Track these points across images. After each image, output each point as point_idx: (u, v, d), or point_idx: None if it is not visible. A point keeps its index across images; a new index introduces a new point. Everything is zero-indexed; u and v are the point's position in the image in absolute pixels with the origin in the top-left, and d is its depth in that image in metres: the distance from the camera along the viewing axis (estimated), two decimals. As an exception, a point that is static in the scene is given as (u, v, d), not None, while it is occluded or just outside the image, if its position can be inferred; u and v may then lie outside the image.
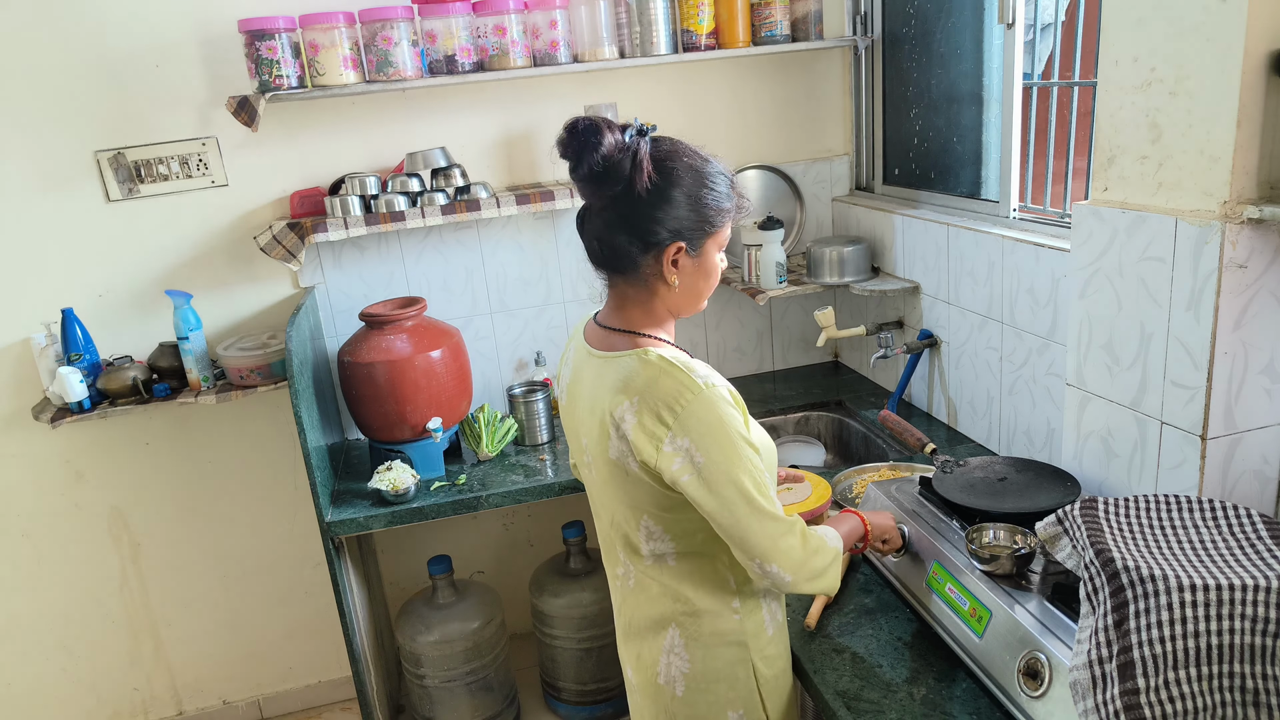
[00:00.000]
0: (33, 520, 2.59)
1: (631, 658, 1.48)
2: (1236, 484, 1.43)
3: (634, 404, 1.26)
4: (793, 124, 2.81)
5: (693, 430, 1.23)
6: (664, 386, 1.25)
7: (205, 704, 2.89)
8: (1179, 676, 1.08)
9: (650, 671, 1.43)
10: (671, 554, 1.37)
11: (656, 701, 1.44)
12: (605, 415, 1.30)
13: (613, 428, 1.28)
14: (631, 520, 1.37)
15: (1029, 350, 2.02)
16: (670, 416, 1.23)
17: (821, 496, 1.91)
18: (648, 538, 1.37)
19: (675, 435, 1.23)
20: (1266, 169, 1.30)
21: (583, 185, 1.29)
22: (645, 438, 1.25)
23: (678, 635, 1.39)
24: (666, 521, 1.34)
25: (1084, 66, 1.94)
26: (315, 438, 2.17)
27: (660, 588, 1.39)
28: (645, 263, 1.31)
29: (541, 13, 2.32)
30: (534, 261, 2.72)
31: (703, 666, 1.39)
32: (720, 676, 1.39)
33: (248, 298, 2.57)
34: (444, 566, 2.54)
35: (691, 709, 1.41)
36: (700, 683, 1.40)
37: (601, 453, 1.34)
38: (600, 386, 1.33)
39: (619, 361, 1.32)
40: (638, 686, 1.48)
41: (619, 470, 1.32)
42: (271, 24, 2.17)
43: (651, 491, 1.30)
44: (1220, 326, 1.34)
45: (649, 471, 1.27)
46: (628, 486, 1.33)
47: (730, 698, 1.40)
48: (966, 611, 1.39)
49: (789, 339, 3.00)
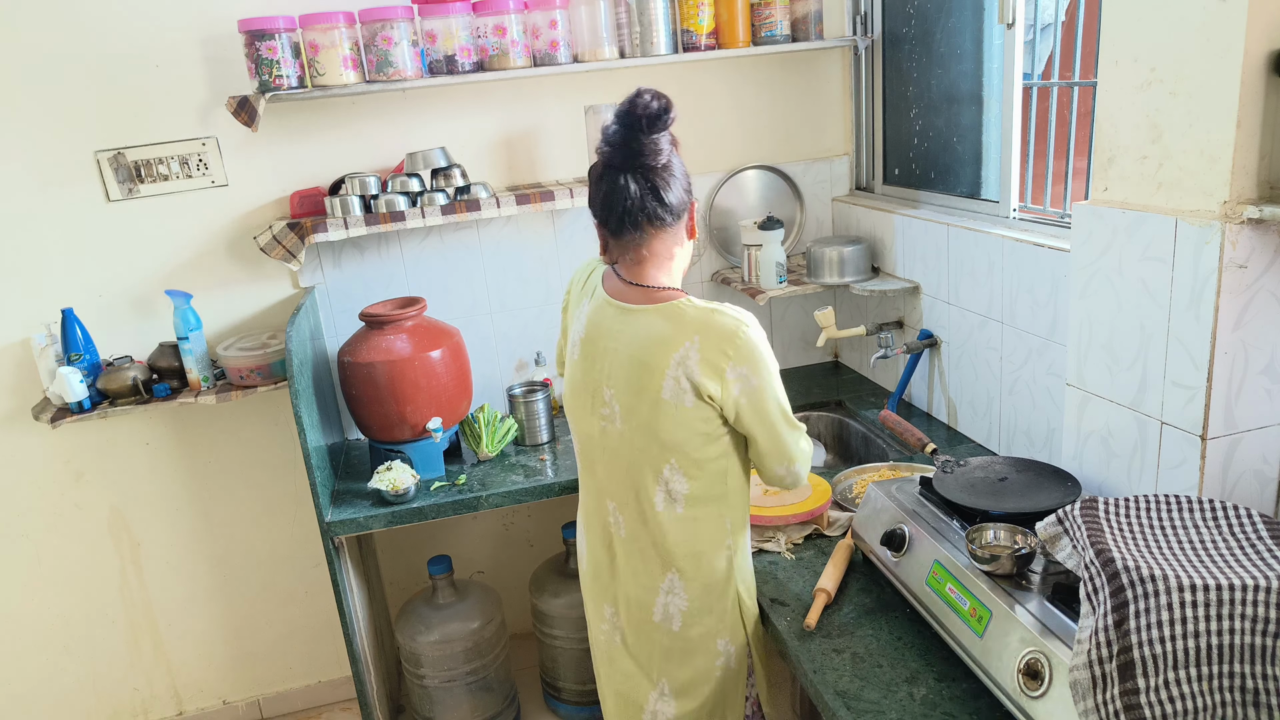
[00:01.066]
0: (33, 520, 2.59)
1: (619, 601, 1.66)
2: (1236, 484, 1.43)
3: (695, 342, 1.45)
4: (793, 124, 2.81)
5: (748, 359, 1.46)
6: (720, 324, 1.45)
7: (205, 704, 2.89)
8: (1179, 676, 1.08)
9: (644, 611, 1.63)
10: (684, 498, 1.54)
11: (650, 639, 1.64)
12: (657, 361, 1.47)
13: (674, 366, 1.46)
14: (658, 462, 1.52)
15: (1029, 350, 2.02)
16: (731, 349, 1.45)
17: (822, 496, 1.91)
18: (669, 479, 1.53)
19: (735, 364, 1.45)
20: (1266, 169, 1.30)
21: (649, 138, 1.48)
22: (710, 369, 1.45)
23: (677, 578, 1.59)
24: (689, 464, 1.51)
25: (1084, 66, 1.94)
26: (315, 438, 2.17)
27: (663, 534, 1.57)
28: (682, 215, 1.55)
29: (541, 13, 2.32)
30: (534, 261, 2.72)
31: (699, 602, 1.60)
32: (712, 609, 1.61)
33: (248, 298, 2.57)
34: (444, 566, 2.54)
35: (686, 641, 1.62)
36: (695, 616, 1.60)
37: (642, 396, 1.49)
38: (641, 337, 1.50)
39: (655, 312, 1.50)
40: (626, 624, 1.66)
41: (668, 409, 1.48)
42: (271, 24, 2.17)
43: (693, 427, 1.48)
44: (1220, 326, 1.34)
45: (706, 401, 1.47)
46: (668, 425, 1.49)
47: (719, 627, 1.62)
48: (966, 611, 1.39)
49: (789, 339, 3.00)
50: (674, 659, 1.63)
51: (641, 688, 1.68)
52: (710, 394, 1.46)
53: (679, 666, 1.64)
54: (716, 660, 1.64)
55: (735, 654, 1.65)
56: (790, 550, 1.85)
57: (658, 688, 1.66)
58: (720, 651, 1.64)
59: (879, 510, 1.69)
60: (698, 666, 1.63)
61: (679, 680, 1.64)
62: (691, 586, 1.59)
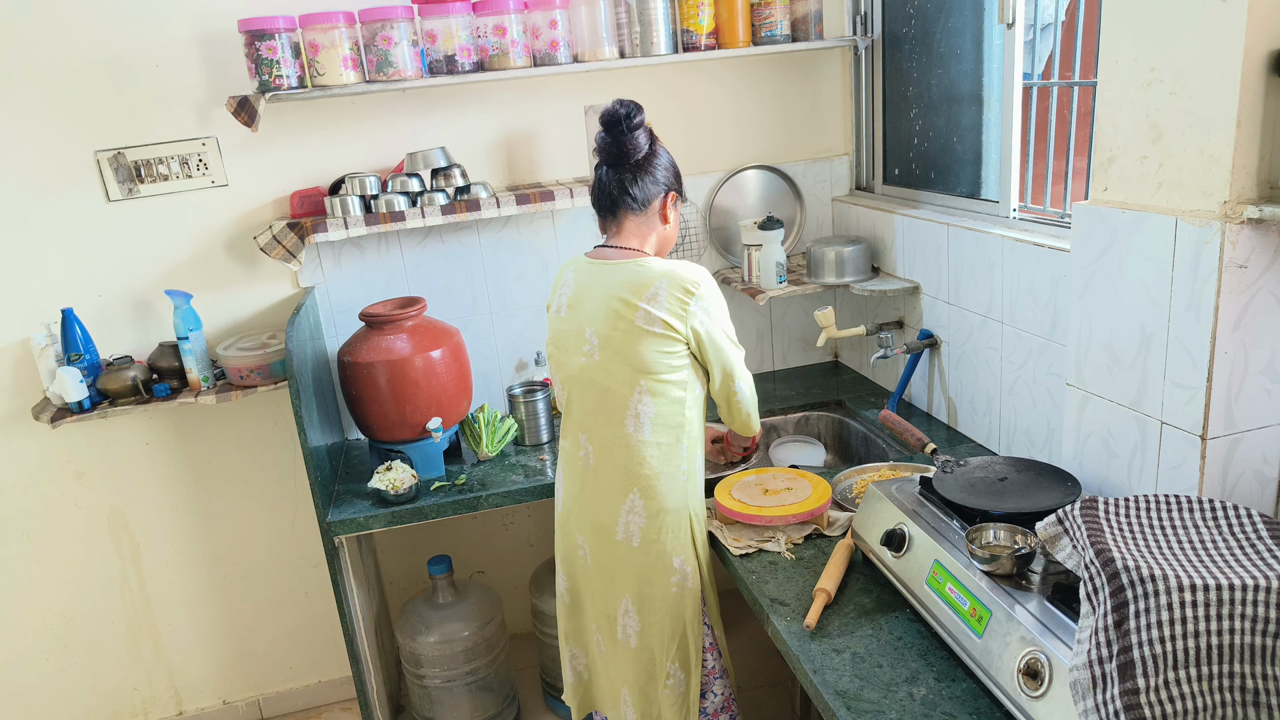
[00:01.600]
0: (33, 520, 2.59)
1: (586, 528, 1.90)
2: (1236, 484, 1.43)
3: (664, 282, 1.77)
4: (793, 124, 2.81)
5: (706, 300, 1.79)
6: (683, 272, 1.78)
7: (205, 704, 2.89)
8: (1179, 676, 1.08)
9: (607, 532, 1.86)
10: (650, 422, 1.80)
11: (613, 555, 1.86)
12: (632, 295, 1.77)
13: (645, 300, 1.76)
14: (629, 385, 1.79)
15: (1029, 350, 2.02)
16: (694, 288, 1.77)
17: (821, 496, 1.91)
18: (636, 402, 1.80)
19: (699, 300, 1.77)
20: (1266, 169, 1.30)
21: (624, 143, 1.82)
22: (676, 304, 1.76)
23: (637, 496, 1.82)
24: (655, 384, 1.79)
25: (1084, 66, 1.94)
26: (315, 438, 2.17)
27: (628, 456, 1.82)
28: (656, 201, 1.87)
29: (541, 13, 2.32)
30: (534, 261, 2.72)
31: (657, 521, 1.82)
32: (668, 528, 1.83)
33: (248, 298, 2.57)
34: (444, 566, 2.54)
35: (645, 556, 1.83)
36: (653, 533, 1.83)
37: (618, 325, 1.78)
38: (618, 280, 1.80)
39: (635, 261, 1.81)
40: (591, 548, 1.89)
41: (639, 334, 1.76)
42: (271, 24, 2.17)
43: (659, 349, 1.77)
44: (1220, 326, 1.34)
45: (672, 330, 1.76)
46: (639, 349, 1.77)
47: (674, 546, 1.84)
48: (966, 611, 1.39)
49: (789, 339, 3.00)
50: (635, 574, 1.84)
51: (610, 601, 1.89)
52: (674, 325, 1.76)
53: (640, 582, 1.84)
54: (673, 577, 1.84)
55: (691, 574, 1.85)
56: (790, 550, 1.85)
57: (622, 603, 1.87)
58: (677, 569, 1.84)
59: (879, 510, 1.69)
60: (656, 582, 1.84)
61: (640, 595, 1.85)
62: (650, 505, 1.81)
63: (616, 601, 1.88)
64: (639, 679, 1.89)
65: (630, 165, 1.83)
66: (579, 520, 1.91)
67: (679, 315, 1.76)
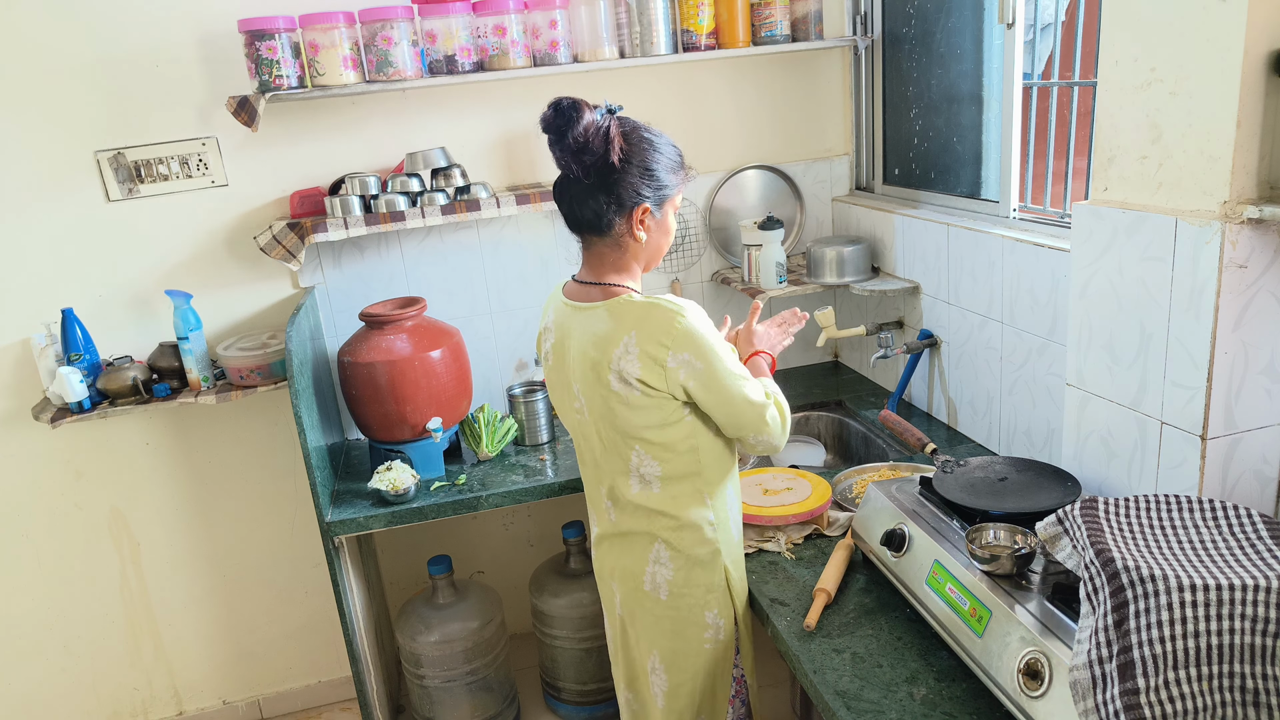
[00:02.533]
0: (33, 520, 2.59)
1: (616, 574, 1.72)
2: (1236, 484, 1.43)
3: (632, 337, 1.50)
4: (793, 124, 2.81)
5: (688, 345, 1.49)
6: (655, 318, 1.50)
7: (205, 704, 2.89)
8: (1179, 676, 1.08)
9: (636, 580, 1.68)
10: (657, 479, 1.60)
11: (642, 606, 1.69)
12: (602, 356, 1.53)
13: (614, 362, 1.51)
14: (625, 450, 1.60)
15: (1029, 350, 2.02)
16: (668, 339, 1.49)
17: (822, 496, 1.91)
18: (637, 466, 1.60)
19: (675, 352, 1.49)
20: (1266, 169, 1.30)
21: (565, 156, 1.50)
22: (649, 362, 1.49)
23: (663, 548, 1.64)
24: (653, 448, 1.58)
25: (1084, 66, 1.94)
26: (315, 438, 2.17)
27: (646, 513, 1.63)
28: (618, 223, 1.55)
29: (541, 13, 2.32)
30: (534, 261, 2.72)
31: (685, 574, 1.65)
32: (699, 582, 1.65)
33: (248, 298, 2.57)
34: (444, 566, 2.54)
35: (674, 610, 1.67)
36: (682, 587, 1.65)
37: (597, 391, 1.56)
38: (590, 333, 1.56)
39: (602, 309, 1.55)
40: (622, 597, 1.73)
41: (618, 401, 1.54)
42: (271, 24, 2.17)
43: (647, 415, 1.54)
44: (1220, 326, 1.34)
45: (653, 392, 1.51)
46: (626, 414, 1.55)
47: (708, 599, 1.66)
48: (966, 611, 1.39)
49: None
50: (664, 629, 1.68)
51: (641, 653, 1.74)
52: (653, 385, 1.51)
53: (669, 637, 1.68)
54: (705, 633, 1.68)
55: (724, 628, 1.69)
56: (790, 550, 1.85)
57: (650, 659, 1.72)
58: (709, 624, 1.68)
59: (879, 510, 1.69)
60: (687, 638, 1.68)
61: (668, 651, 1.69)
62: (677, 558, 1.64)
63: (645, 655, 1.73)
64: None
65: (578, 182, 1.52)
66: (610, 566, 1.75)
67: (657, 373, 1.49)
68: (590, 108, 1.48)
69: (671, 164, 1.58)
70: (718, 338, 1.54)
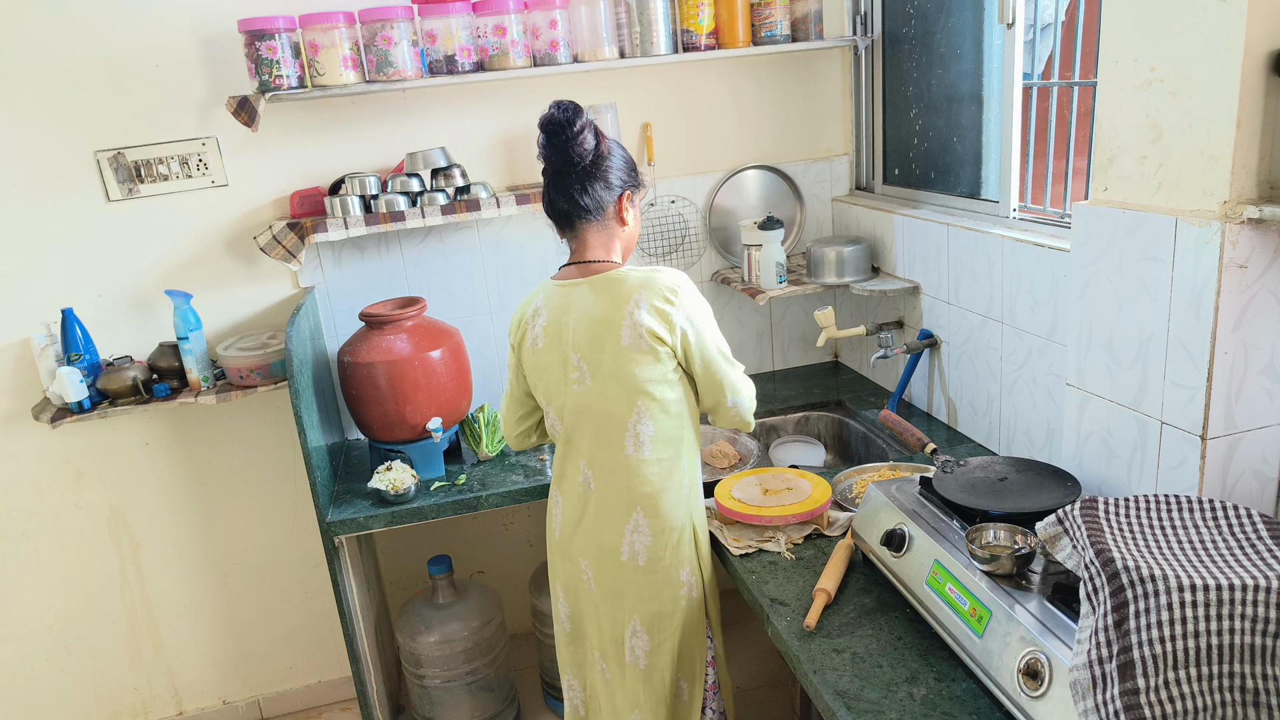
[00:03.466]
0: (33, 520, 2.59)
1: (589, 552, 1.81)
2: (1236, 484, 1.43)
3: (641, 294, 1.68)
4: (793, 124, 2.81)
5: (689, 307, 1.70)
6: (659, 280, 1.69)
7: (205, 704, 2.89)
8: (1179, 676, 1.08)
9: (612, 554, 1.78)
10: (650, 441, 1.73)
11: (619, 576, 1.79)
12: (612, 314, 1.68)
13: (627, 317, 1.67)
14: (626, 408, 1.71)
15: (1029, 350, 2.02)
16: (673, 296, 1.68)
17: (822, 496, 1.91)
18: (635, 422, 1.72)
19: (679, 309, 1.68)
20: (1266, 169, 1.30)
21: (570, 147, 1.68)
22: (658, 315, 1.67)
23: (641, 515, 1.75)
24: (653, 405, 1.71)
25: (1084, 66, 1.94)
26: (315, 438, 2.17)
27: (629, 477, 1.74)
28: (609, 207, 1.75)
29: (541, 13, 2.32)
30: (534, 261, 2.72)
31: (662, 538, 1.76)
32: (673, 543, 1.77)
33: (248, 298, 2.57)
34: (444, 566, 2.54)
35: (652, 574, 1.77)
36: (658, 551, 1.76)
37: (605, 349, 1.69)
38: (594, 298, 1.72)
39: (606, 276, 1.72)
40: (595, 572, 1.82)
41: (628, 354, 1.68)
42: (271, 24, 2.17)
43: (652, 369, 1.68)
44: (1220, 326, 1.34)
45: (659, 341, 1.67)
46: (631, 369, 1.68)
47: (680, 559, 1.78)
48: (966, 611, 1.39)
49: (789, 339, 3.00)
50: (643, 594, 1.78)
51: (617, 625, 1.83)
52: (660, 336, 1.67)
53: (647, 601, 1.78)
54: (680, 590, 1.79)
55: (695, 584, 1.81)
56: (790, 550, 1.85)
57: (630, 625, 1.81)
58: (683, 582, 1.79)
59: (879, 510, 1.69)
60: (664, 599, 1.78)
61: (648, 614, 1.79)
62: (654, 524, 1.75)
63: (624, 624, 1.81)
64: (650, 700, 1.83)
65: (578, 172, 1.71)
66: (581, 546, 1.83)
67: (665, 324, 1.67)
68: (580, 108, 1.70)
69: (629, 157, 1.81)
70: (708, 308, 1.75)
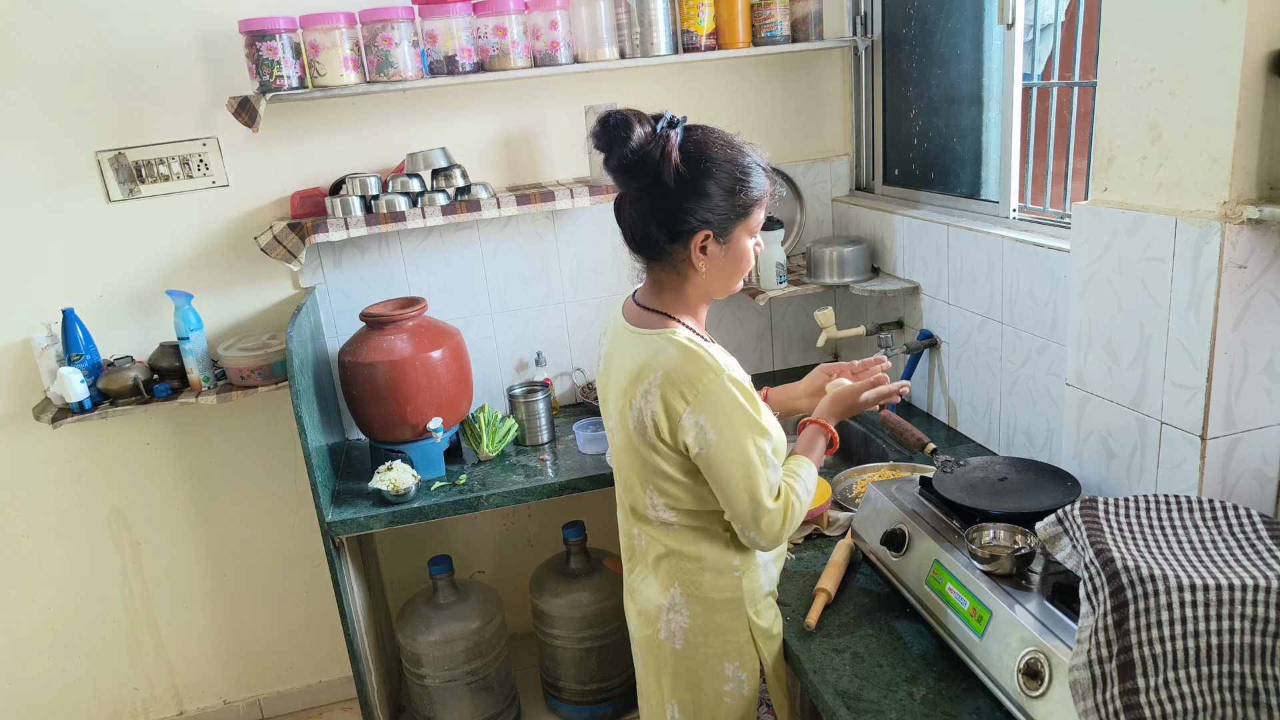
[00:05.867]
0: (33, 520, 2.59)
1: (633, 614, 1.63)
2: (1236, 484, 1.43)
3: (657, 378, 1.37)
4: (793, 124, 2.82)
5: (709, 409, 1.35)
6: (687, 366, 1.36)
7: (205, 704, 2.89)
8: (1179, 676, 1.08)
9: (651, 628, 1.57)
10: (675, 519, 1.49)
11: (657, 656, 1.57)
12: (629, 386, 1.42)
13: (638, 398, 1.40)
14: (640, 487, 1.50)
15: (1029, 350, 2.02)
16: (691, 394, 1.35)
17: (821, 497, 1.91)
18: (652, 505, 1.50)
19: (693, 411, 1.36)
20: (1266, 169, 1.30)
21: (615, 176, 1.38)
22: (664, 411, 1.37)
23: (679, 593, 1.51)
24: (669, 495, 1.47)
25: (1084, 66, 1.94)
26: (316, 438, 2.17)
27: (664, 549, 1.52)
28: (674, 250, 1.40)
29: (542, 13, 2.33)
30: (534, 261, 2.72)
31: (702, 622, 1.51)
32: (717, 630, 1.52)
33: (248, 298, 2.57)
34: (444, 566, 2.55)
35: (691, 660, 1.53)
36: (698, 636, 1.52)
37: (622, 420, 1.46)
38: (628, 359, 1.45)
39: (647, 339, 1.43)
40: (639, 641, 1.63)
41: (634, 438, 1.44)
42: (272, 24, 2.17)
43: (661, 462, 1.43)
44: (1220, 326, 1.34)
45: (664, 442, 1.40)
46: (642, 453, 1.45)
47: (726, 650, 1.52)
48: (966, 611, 1.39)
49: (789, 339, 3.00)
50: (681, 680, 1.55)
51: (660, 702, 1.61)
52: (662, 435, 1.39)
53: (685, 689, 1.55)
54: (726, 685, 1.54)
55: (748, 682, 1.55)
56: (790, 550, 1.85)
57: (669, 706, 1.59)
58: (729, 677, 1.53)
59: (879, 510, 1.69)
60: (704, 691, 1.54)
61: (686, 703, 1.56)
62: (694, 604, 1.51)
63: (664, 703, 1.60)
64: None
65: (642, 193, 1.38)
66: (630, 602, 1.65)
67: (669, 424, 1.38)
68: (644, 121, 1.34)
69: (746, 184, 1.39)
70: (746, 412, 1.37)
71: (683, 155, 1.35)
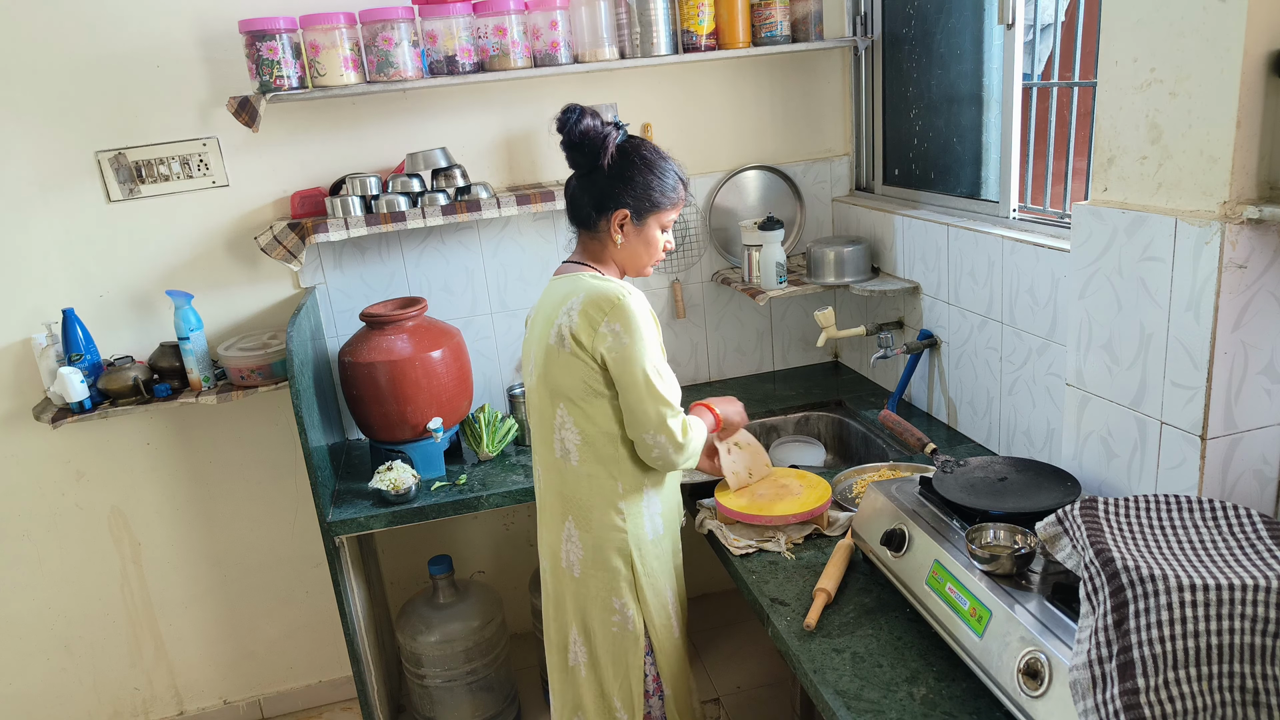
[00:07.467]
0: (33, 520, 2.59)
1: (545, 550, 1.86)
2: (1236, 484, 1.43)
3: (579, 300, 1.65)
4: (793, 124, 2.82)
5: (622, 319, 1.63)
6: (606, 289, 1.65)
7: (205, 704, 2.90)
8: (1179, 676, 1.08)
9: (556, 557, 1.81)
10: (576, 449, 1.71)
11: (560, 581, 1.81)
12: (551, 312, 1.69)
13: (560, 317, 1.66)
14: (551, 410, 1.72)
15: (1029, 350, 2.02)
16: (608, 306, 1.63)
17: (821, 496, 1.91)
18: (560, 426, 1.72)
19: (610, 320, 1.63)
20: (1266, 169, 1.30)
21: (565, 151, 1.70)
22: (585, 321, 1.63)
23: (573, 525, 1.75)
24: (575, 411, 1.69)
25: (1084, 66, 1.94)
26: (316, 438, 2.17)
27: (560, 482, 1.76)
28: (598, 221, 1.73)
29: (542, 13, 2.33)
30: (534, 261, 2.72)
31: (593, 554, 1.75)
32: (606, 565, 1.75)
33: (248, 298, 2.57)
34: (444, 566, 2.55)
35: (585, 588, 1.77)
36: (590, 568, 1.76)
37: (541, 345, 1.71)
38: (553, 296, 1.72)
39: (572, 278, 1.72)
40: (548, 571, 1.85)
41: (552, 353, 1.68)
42: (272, 24, 2.17)
43: (574, 373, 1.66)
44: (1220, 326, 1.34)
45: (580, 349, 1.64)
46: (555, 371, 1.68)
47: (615, 586, 1.75)
48: (966, 611, 1.39)
49: (789, 339, 3.00)
50: (578, 605, 1.79)
51: (563, 628, 1.84)
52: (581, 342, 1.64)
53: (582, 613, 1.79)
54: (613, 616, 1.77)
55: (633, 619, 1.77)
56: (790, 550, 1.86)
57: (571, 631, 1.82)
58: (616, 609, 1.76)
59: (879, 510, 1.69)
60: (596, 617, 1.78)
61: (582, 626, 1.80)
62: (585, 537, 1.75)
63: (567, 629, 1.83)
64: (593, 705, 1.83)
65: (578, 176, 1.73)
66: (541, 542, 1.88)
67: (588, 333, 1.63)
68: (596, 116, 1.67)
69: (662, 183, 1.73)
70: (650, 330, 1.67)
71: (619, 149, 1.69)
